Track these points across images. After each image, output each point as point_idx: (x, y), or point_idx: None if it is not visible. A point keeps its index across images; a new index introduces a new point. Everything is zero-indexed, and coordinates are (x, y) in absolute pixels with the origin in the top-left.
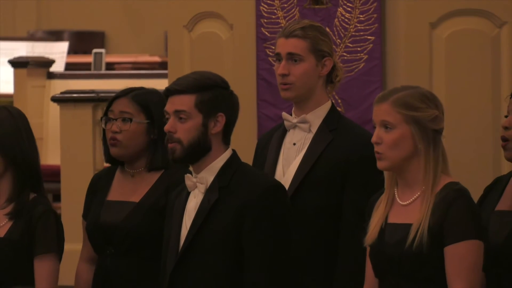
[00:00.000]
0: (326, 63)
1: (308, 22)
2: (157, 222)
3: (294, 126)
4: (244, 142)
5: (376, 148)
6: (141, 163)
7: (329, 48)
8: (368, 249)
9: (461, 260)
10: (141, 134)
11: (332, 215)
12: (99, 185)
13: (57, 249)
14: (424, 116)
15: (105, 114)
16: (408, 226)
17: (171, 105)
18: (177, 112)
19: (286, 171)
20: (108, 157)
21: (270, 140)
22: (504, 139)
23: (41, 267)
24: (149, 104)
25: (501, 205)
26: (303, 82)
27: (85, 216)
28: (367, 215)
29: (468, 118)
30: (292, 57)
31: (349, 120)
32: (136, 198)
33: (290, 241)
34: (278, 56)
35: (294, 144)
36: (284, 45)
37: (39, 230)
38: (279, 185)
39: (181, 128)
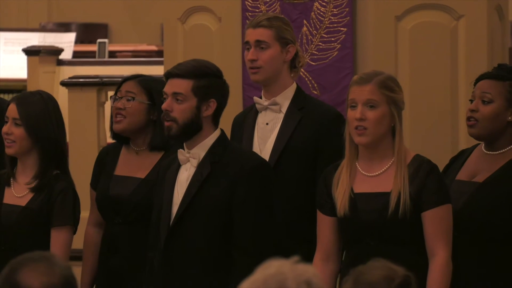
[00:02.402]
0: (290, 50)
1: (272, 14)
2: None
3: (266, 108)
4: (231, 121)
5: (360, 123)
6: (143, 141)
7: (292, 36)
8: (321, 216)
9: (441, 222)
10: (142, 113)
11: (307, 183)
12: (107, 159)
13: (73, 222)
14: (399, 98)
15: (115, 94)
16: (383, 194)
17: (170, 87)
18: (175, 94)
19: (263, 149)
20: (113, 133)
21: (244, 121)
22: (473, 120)
23: (57, 237)
24: (152, 88)
25: (461, 175)
26: (270, 66)
27: (93, 185)
28: (323, 184)
29: (429, 100)
30: (260, 45)
31: (314, 98)
32: (141, 174)
33: (273, 211)
34: (247, 44)
35: (267, 124)
36: (252, 34)
37: (57, 204)
38: (267, 163)
39: (177, 109)
